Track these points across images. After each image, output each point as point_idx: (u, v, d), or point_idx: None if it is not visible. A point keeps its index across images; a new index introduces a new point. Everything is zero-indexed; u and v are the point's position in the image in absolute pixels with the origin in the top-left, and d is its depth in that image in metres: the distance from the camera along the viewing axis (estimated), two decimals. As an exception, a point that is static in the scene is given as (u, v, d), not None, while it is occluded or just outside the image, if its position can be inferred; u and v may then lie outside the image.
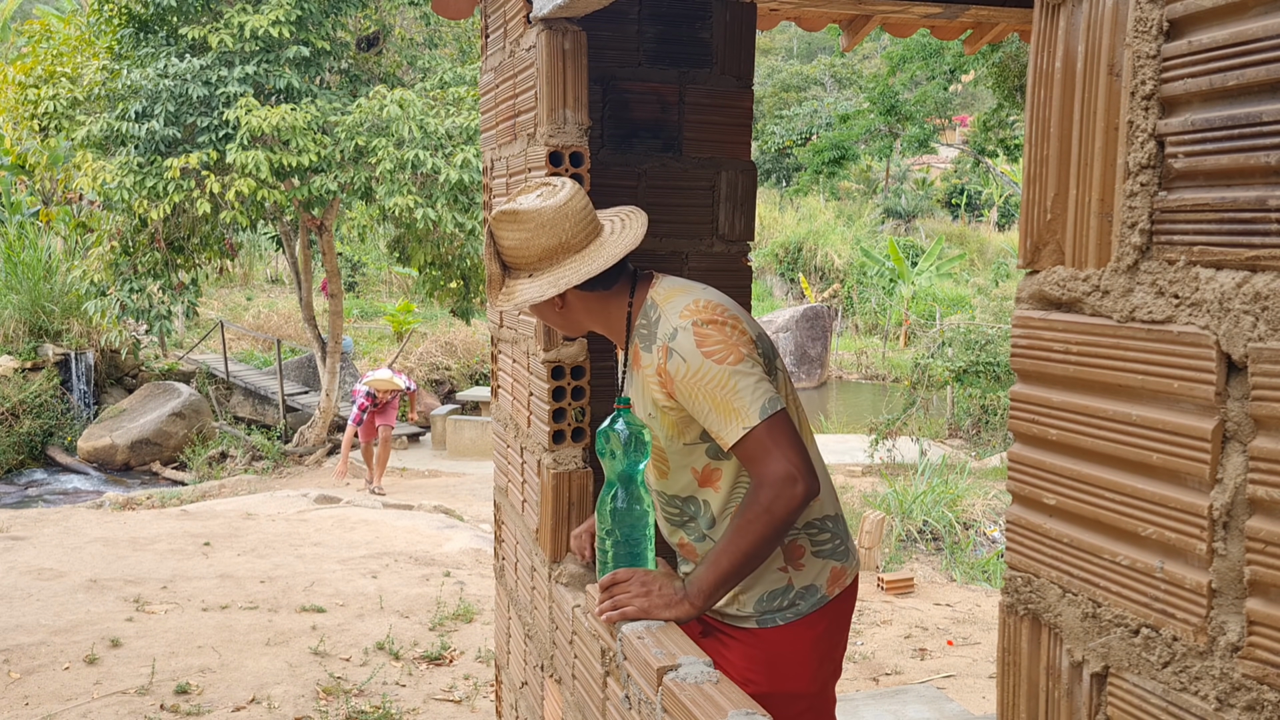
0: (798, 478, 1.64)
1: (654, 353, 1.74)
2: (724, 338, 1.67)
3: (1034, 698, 0.79)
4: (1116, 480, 0.71)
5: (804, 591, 1.86)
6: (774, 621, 1.86)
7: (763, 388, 1.65)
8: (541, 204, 1.75)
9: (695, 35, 2.65)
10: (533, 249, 1.75)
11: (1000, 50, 9.87)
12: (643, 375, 1.79)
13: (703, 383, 1.66)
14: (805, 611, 1.87)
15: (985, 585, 6.26)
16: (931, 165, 30.23)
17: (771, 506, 1.64)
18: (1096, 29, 0.71)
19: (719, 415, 1.66)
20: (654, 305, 1.78)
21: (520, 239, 1.75)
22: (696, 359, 1.66)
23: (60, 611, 4.95)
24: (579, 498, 2.15)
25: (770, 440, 1.64)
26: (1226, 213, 0.63)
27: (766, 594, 1.86)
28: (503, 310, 1.80)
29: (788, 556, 1.85)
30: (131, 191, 10.10)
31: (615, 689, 1.78)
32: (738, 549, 1.67)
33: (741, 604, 1.87)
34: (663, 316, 1.74)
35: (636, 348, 1.80)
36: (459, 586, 5.58)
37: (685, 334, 1.68)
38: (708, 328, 1.68)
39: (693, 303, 1.73)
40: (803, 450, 1.66)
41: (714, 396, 1.65)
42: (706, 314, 1.71)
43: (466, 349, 16.51)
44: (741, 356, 1.66)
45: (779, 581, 1.85)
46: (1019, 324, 0.80)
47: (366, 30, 11.71)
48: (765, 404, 1.64)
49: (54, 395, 13.46)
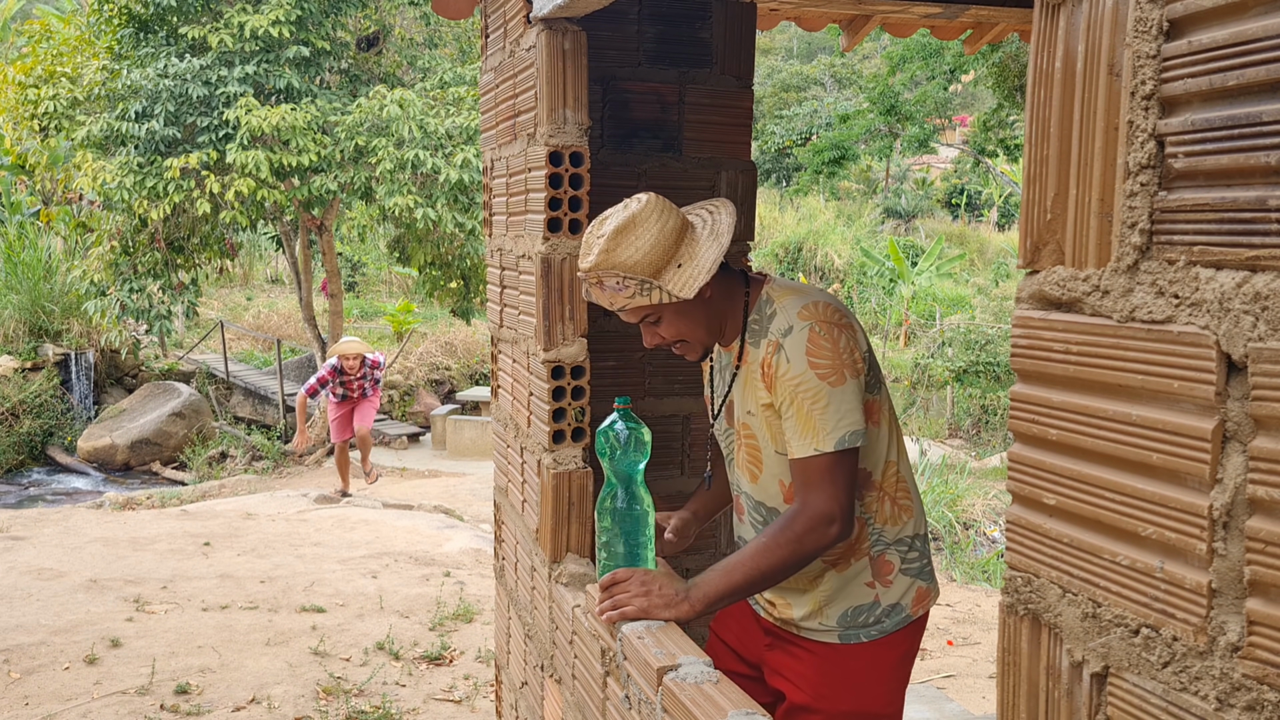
0: (838, 519, 1.64)
1: (761, 347, 1.73)
2: (835, 351, 1.65)
3: (1034, 698, 0.79)
4: (1116, 480, 0.71)
5: (890, 609, 1.84)
6: (858, 638, 1.83)
7: (851, 418, 1.64)
8: (639, 204, 1.70)
9: (695, 35, 2.65)
10: (665, 239, 1.68)
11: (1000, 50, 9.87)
12: (747, 371, 1.78)
13: (798, 389, 1.65)
14: (890, 630, 1.84)
15: (985, 585, 6.26)
16: (931, 165, 30.23)
17: (803, 538, 1.64)
18: (1096, 29, 0.71)
19: (798, 424, 1.65)
20: (769, 301, 1.76)
21: (652, 237, 1.67)
22: (801, 364, 1.65)
23: (60, 611, 4.95)
24: (579, 498, 2.15)
25: (830, 473, 1.64)
26: (1226, 213, 0.63)
27: (851, 609, 1.83)
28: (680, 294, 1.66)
29: (876, 573, 1.82)
30: (131, 191, 10.11)
31: (615, 689, 1.78)
32: (755, 567, 1.66)
33: (825, 617, 1.83)
34: (778, 313, 1.72)
35: (747, 345, 1.78)
36: (459, 586, 5.58)
37: (800, 334, 1.66)
38: (823, 334, 1.66)
39: (812, 304, 1.71)
40: (853, 494, 1.67)
41: (802, 406, 1.65)
42: (825, 315, 1.68)
43: (466, 349, 16.51)
44: (844, 379, 1.64)
45: (865, 597, 1.83)
46: (1019, 324, 0.80)
47: (366, 30, 11.72)
48: (845, 435, 1.64)
49: (54, 395, 13.46)
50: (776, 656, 1.92)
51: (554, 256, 2.11)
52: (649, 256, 1.66)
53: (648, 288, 1.68)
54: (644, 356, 2.68)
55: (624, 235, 1.67)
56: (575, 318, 2.16)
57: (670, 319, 1.75)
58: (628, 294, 1.68)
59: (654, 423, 2.68)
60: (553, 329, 2.14)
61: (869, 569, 1.82)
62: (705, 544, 2.77)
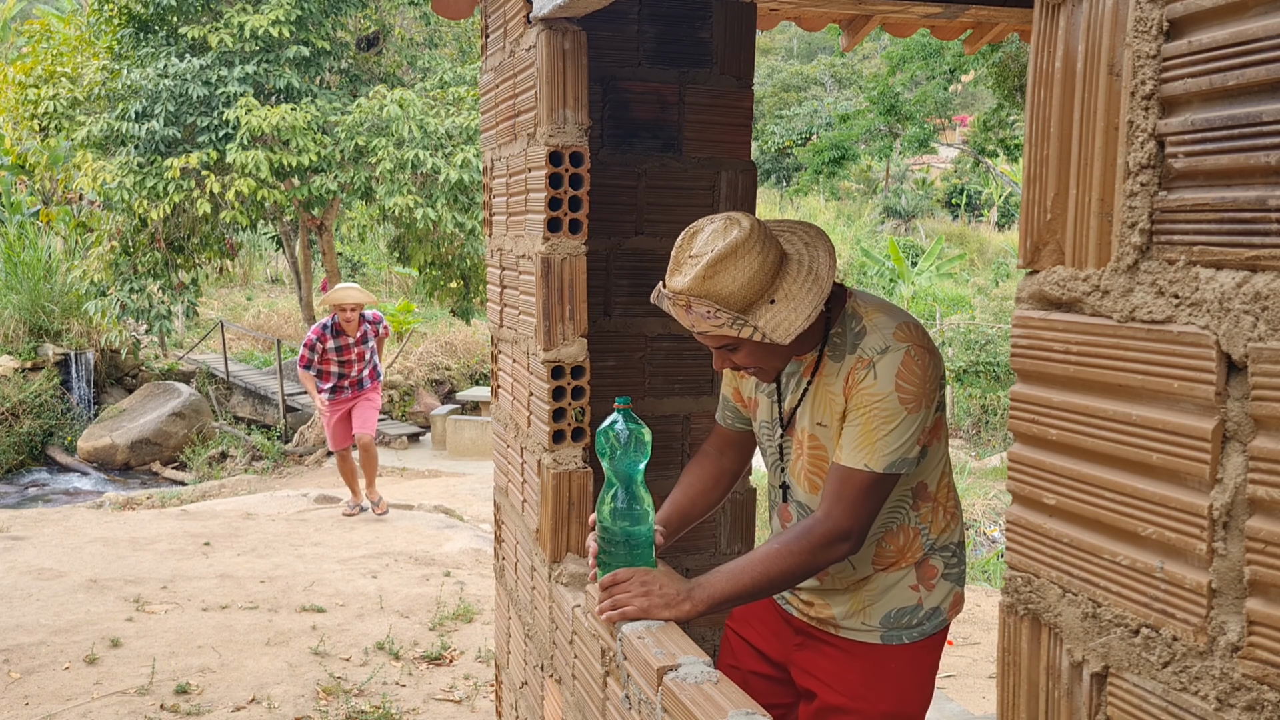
0: (852, 538, 1.65)
1: (846, 362, 1.70)
2: (923, 379, 1.64)
3: (1034, 698, 0.79)
4: (1116, 480, 0.71)
5: (931, 613, 1.85)
6: (899, 639, 1.83)
7: (909, 447, 1.64)
8: (743, 232, 1.62)
9: (695, 35, 2.65)
10: (764, 274, 1.62)
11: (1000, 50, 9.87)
12: (822, 383, 1.75)
13: (875, 404, 1.64)
14: (929, 633, 1.85)
15: (985, 585, 6.26)
16: (931, 165, 30.22)
17: (816, 550, 1.64)
18: (1096, 29, 0.71)
19: (859, 435, 1.64)
20: (855, 317, 1.73)
21: (752, 270, 1.61)
22: (889, 384, 1.63)
23: (60, 611, 4.95)
24: (579, 498, 2.15)
25: (866, 493, 1.65)
26: (1226, 213, 0.63)
27: (895, 610, 1.83)
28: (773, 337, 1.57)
29: (921, 576, 1.83)
30: (131, 191, 10.11)
31: (615, 689, 1.78)
32: (765, 572, 1.65)
33: (868, 616, 1.83)
34: (868, 331, 1.69)
35: (825, 357, 1.75)
36: (459, 586, 5.58)
37: (895, 355, 1.64)
38: (917, 359, 1.64)
39: (906, 325, 1.69)
40: (873, 519, 1.68)
41: (870, 421, 1.64)
42: (920, 340, 1.67)
43: (466, 349, 16.51)
44: (919, 408, 1.64)
45: (909, 600, 1.83)
46: (1019, 324, 0.80)
47: (366, 30, 11.72)
48: (896, 461, 1.64)
49: (54, 395, 13.46)
50: (808, 656, 1.91)
51: (554, 256, 2.11)
52: (745, 290, 1.60)
53: (740, 323, 1.61)
54: (643, 356, 2.69)
55: (724, 264, 1.59)
56: (575, 318, 2.16)
57: (751, 350, 1.70)
58: (716, 324, 1.62)
59: (654, 423, 2.68)
60: (553, 329, 2.14)
61: (914, 573, 1.83)
62: (705, 544, 2.77)
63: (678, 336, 2.69)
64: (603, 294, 2.65)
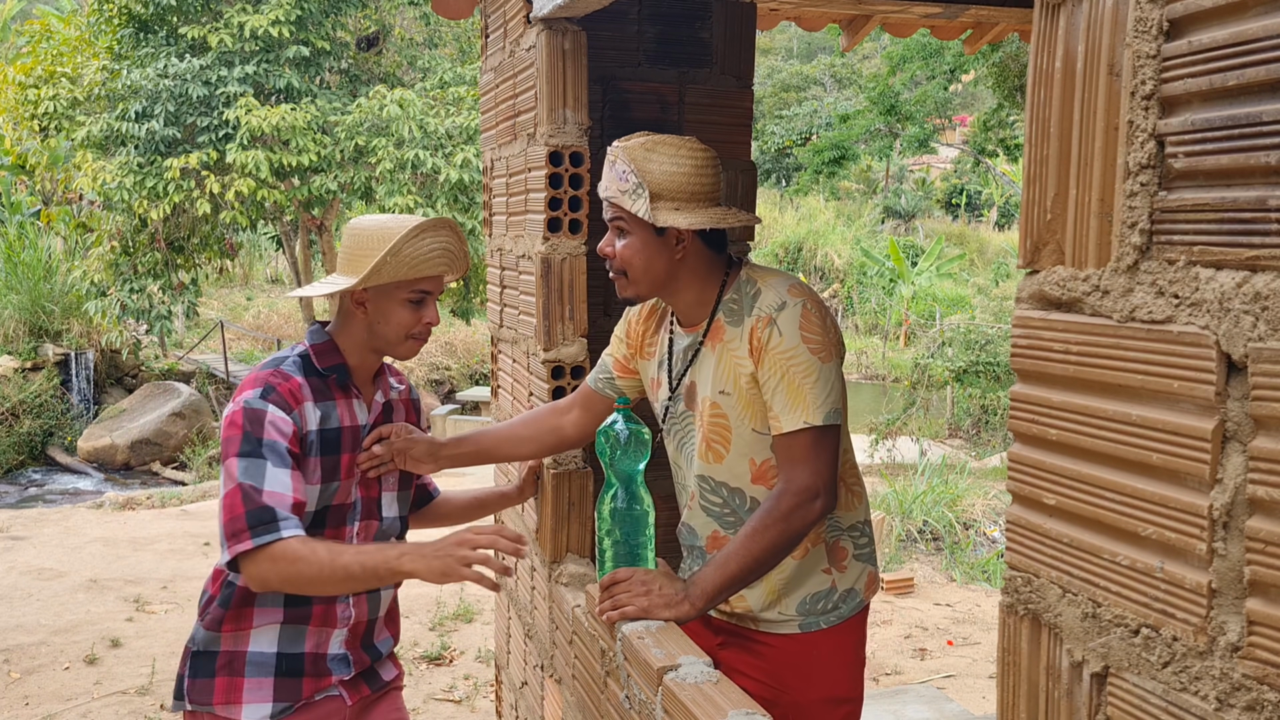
0: (821, 493, 1.66)
1: (744, 325, 1.73)
2: (824, 329, 1.69)
3: (1034, 698, 0.79)
4: (1116, 480, 0.71)
5: (846, 595, 1.85)
6: (817, 625, 1.84)
7: (836, 394, 1.68)
8: (701, 145, 1.74)
9: (695, 35, 2.65)
10: (689, 181, 1.71)
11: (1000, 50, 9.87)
12: (723, 349, 1.77)
13: (789, 362, 1.66)
14: (846, 615, 1.86)
15: (985, 585, 6.26)
16: (931, 165, 30.22)
17: (789, 516, 1.65)
18: (1096, 29, 0.71)
19: (788, 398, 1.66)
20: (750, 281, 1.76)
21: (682, 169, 1.70)
22: (794, 339, 1.66)
23: (60, 611, 4.95)
24: (579, 498, 2.15)
25: (816, 447, 1.66)
26: (1226, 213, 0.63)
27: (809, 596, 1.83)
28: (654, 219, 1.68)
29: (832, 558, 1.84)
30: (131, 192, 10.11)
31: (615, 689, 1.78)
32: (749, 553, 1.66)
33: (784, 608, 1.84)
34: (763, 291, 1.73)
35: (720, 322, 1.78)
36: (459, 586, 5.58)
37: (794, 310, 1.68)
38: (814, 311, 1.69)
39: (799, 284, 1.74)
40: (835, 469, 1.69)
41: (792, 379, 1.66)
42: (813, 295, 1.72)
43: (466, 349, 16.51)
44: (831, 356, 1.68)
45: (822, 584, 1.84)
46: (1019, 324, 0.80)
47: (366, 30, 11.72)
48: (831, 411, 1.66)
49: (54, 395, 13.46)
50: (732, 654, 1.90)
51: (554, 256, 2.11)
52: (663, 178, 1.69)
53: (638, 194, 1.69)
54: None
55: (663, 147, 1.70)
56: (575, 318, 2.16)
57: (633, 241, 1.74)
58: (622, 186, 1.71)
59: (654, 423, 2.67)
60: (553, 329, 2.14)
61: (825, 555, 1.83)
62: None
63: (678, 336, 2.68)
64: (603, 294, 2.65)
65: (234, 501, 1.62)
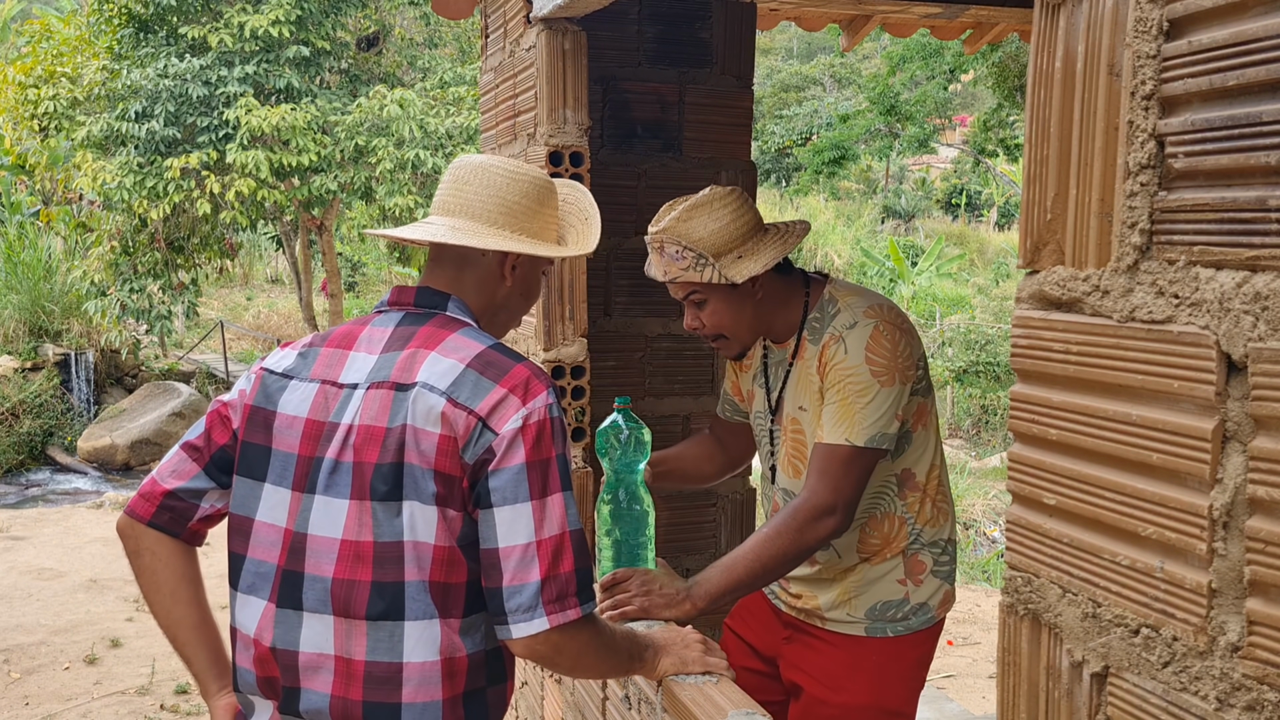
0: (837, 511, 1.66)
1: (819, 344, 1.76)
2: (893, 353, 1.68)
3: (1034, 698, 0.79)
4: (1116, 480, 0.71)
5: (917, 608, 1.85)
6: (884, 632, 1.83)
7: (887, 421, 1.67)
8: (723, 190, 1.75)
9: (695, 35, 2.65)
10: (735, 229, 1.72)
11: (1000, 50, 9.86)
12: (802, 366, 1.80)
13: (847, 379, 1.68)
14: (915, 629, 1.85)
15: (985, 585, 6.26)
16: (931, 165, 30.21)
17: (804, 529, 1.65)
18: (1096, 29, 0.71)
19: (837, 412, 1.68)
20: (832, 300, 1.79)
21: (723, 222, 1.72)
22: (858, 357, 1.68)
23: (60, 611, 4.95)
24: (579, 498, 2.15)
25: (848, 466, 1.66)
26: (1226, 213, 0.63)
27: (880, 604, 1.83)
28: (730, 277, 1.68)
29: (909, 571, 1.83)
30: (131, 191, 10.11)
31: (615, 689, 1.78)
32: (758, 559, 1.66)
33: (853, 608, 1.84)
34: (843, 310, 1.75)
35: (804, 341, 1.81)
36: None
37: (863, 330, 1.70)
38: (885, 334, 1.69)
39: (877, 305, 1.75)
40: (860, 492, 1.70)
41: (846, 396, 1.67)
42: (889, 317, 1.72)
43: (466, 349, 16.48)
44: (893, 382, 1.68)
45: (895, 594, 1.83)
46: (1019, 324, 0.80)
47: (366, 30, 11.72)
48: (876, 435, 1.66)
49: (54, 395, 13.45)
50: (795, 650, 1.91)
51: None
52: (714, 237, 1.70)
53: (702, 264, 1.70)
54: (643, 356, 2.69)
55: (698, 210, 1.71)
56: (575, 318, 2.16)
57: (716, 305, 1.76)
58: (682, 265, 1.71)
59: (654, 423, 2.67)
60: (553, 329, 2.14)
61: (902, 566, 1.83)
62: (704, 545, 2.77)
63: (678, 336, 2.69)
64: (603, 294, 2.65)
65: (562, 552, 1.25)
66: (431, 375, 1.27)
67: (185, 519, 1.40)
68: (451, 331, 1.34)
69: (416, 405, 1.25)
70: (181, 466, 1.40)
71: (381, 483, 1.25)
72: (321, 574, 1.28)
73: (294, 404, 1.34)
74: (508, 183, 1.41)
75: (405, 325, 1.36)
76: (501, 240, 1.38)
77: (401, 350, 1.32)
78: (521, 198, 1.41)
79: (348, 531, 1.27)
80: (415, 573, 1.25)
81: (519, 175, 1.42)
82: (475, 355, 1.29)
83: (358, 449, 1.27)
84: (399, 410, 1.26)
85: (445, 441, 1.23)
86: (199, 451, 1.40)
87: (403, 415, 1.25)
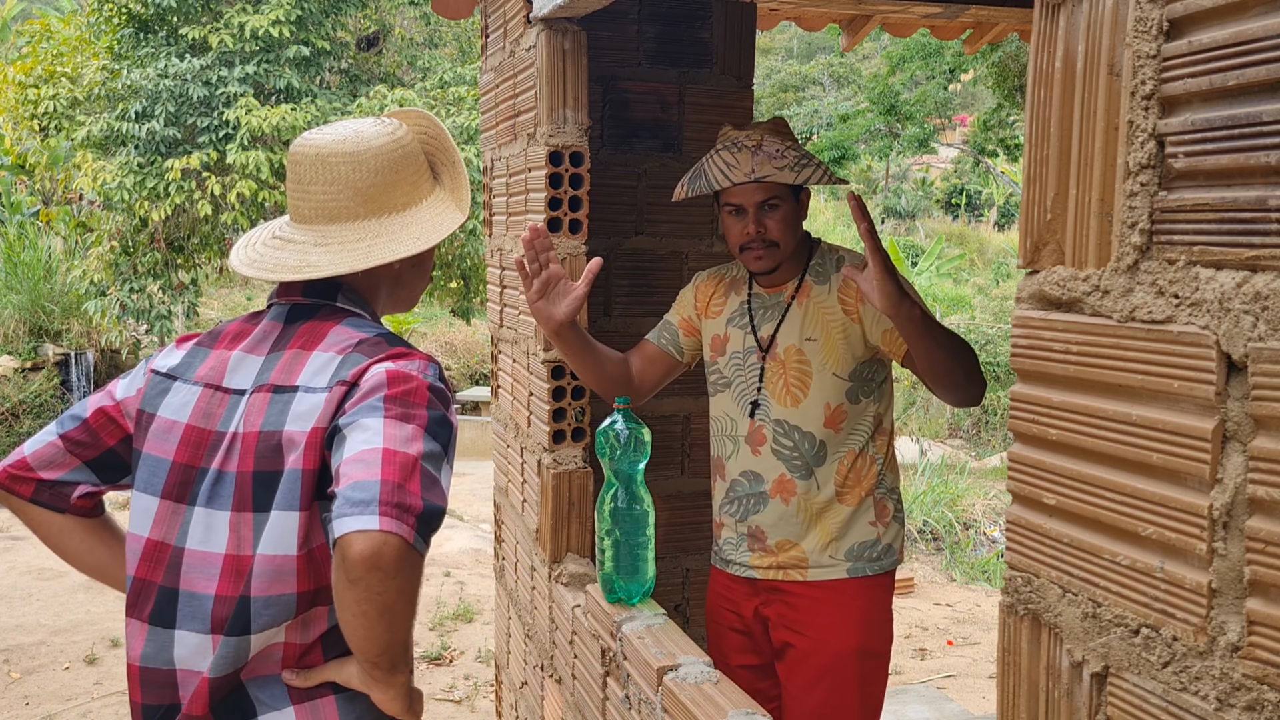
0: None
1: (834, 280, 1.91)
2: None
3: (1034, 698, 0.79)
4: (1116, 480, 0.71)
5: (886, 549, 1.97)
6: (863, 572, 1.94)
7: None
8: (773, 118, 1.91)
9: (695, 35, 2.65)
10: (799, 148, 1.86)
11: (1000, 50, 9.86)
12: (809, 304, 1.92)
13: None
14: (887, 568, 1.97)
15: (985, 585, 6.26)
16: (931, 165, 30.20)
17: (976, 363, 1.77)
18: (1096, 29, 0.71)
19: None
20: (833, 250, 1.97)
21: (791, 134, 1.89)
22: None
23: (60, 611, 4.95)
24: (579, 498, 2.15)
25: None
26: (1226, 213, 0.63)
27: (858, 544, 1.94)
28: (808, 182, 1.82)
29: (878, 513, 1.96)
30: (131, 192, 10.11)
31: (615, 689, 1.78)
32: (949, 338, 1.73)
33: (834, 551, 1.93)
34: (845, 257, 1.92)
35: (808, 283, 1.94)
36: (459, 586, 5.58)
37: None
38: None
39: None
40: None
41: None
42: None
43: (466, 349, 16.50)
44: None
45: (869, 535, 1.95)
46: (1019, 324, 0.80)
47: (366, 30, 11.72)
48: None
49: (54, 395, 13.45)
50: (776, 610, 1.98)
51: (554, 256, 2.11)
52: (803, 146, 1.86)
53: (803, 163, 1.78)
54: (644, 356, 2.68)
55: (770, 123, 1.86)
56: (575, 318, 2.16)
57: (785, 214, 1.87)
58: (780, 164, 1.77)
59: (654, 423, 2.68)
60: None
61: (873, 509, 1.95)
62: (705, 544, 2.77)
63: (678, 336, 2.68)
64: (603, 294, 2.65)
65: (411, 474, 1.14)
66: (311, 376, 1.23)
67: (65, 498, 1.35)
68: (336, 323, 1.30)
69: (298, 408, 1.21)
70: (59, 459, 1.34)
71: (262, 491, 1.20)
72: (199, 590, 1.23)
73: (174, 407, 1.29)
74: (352, 169, 1.32)
75: (291, 322, 1.32)
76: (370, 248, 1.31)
77: (284, 350, 1.28)
78: (372, 176, 1.33)
79: (230, 546, 1.22)
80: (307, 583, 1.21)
81: (360, 154, 1.33)
82: (355, 343, 1.26)
83: (241, 457, 1.22)
84: (280, 415, 1.21)
85: (315, 434, 1.19)
86: (81, 447, 1.34)
87: (283, 420, 1.21)
